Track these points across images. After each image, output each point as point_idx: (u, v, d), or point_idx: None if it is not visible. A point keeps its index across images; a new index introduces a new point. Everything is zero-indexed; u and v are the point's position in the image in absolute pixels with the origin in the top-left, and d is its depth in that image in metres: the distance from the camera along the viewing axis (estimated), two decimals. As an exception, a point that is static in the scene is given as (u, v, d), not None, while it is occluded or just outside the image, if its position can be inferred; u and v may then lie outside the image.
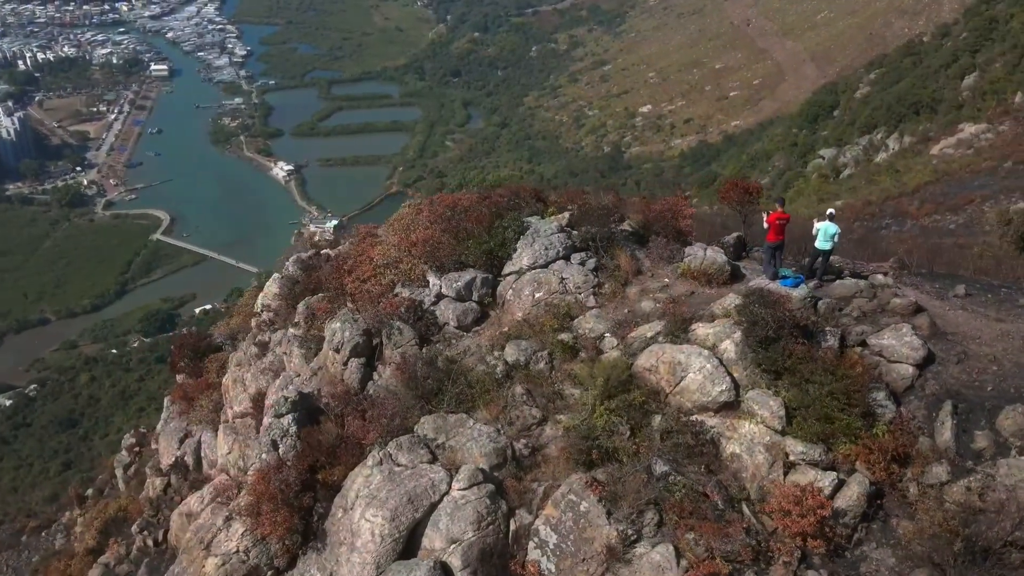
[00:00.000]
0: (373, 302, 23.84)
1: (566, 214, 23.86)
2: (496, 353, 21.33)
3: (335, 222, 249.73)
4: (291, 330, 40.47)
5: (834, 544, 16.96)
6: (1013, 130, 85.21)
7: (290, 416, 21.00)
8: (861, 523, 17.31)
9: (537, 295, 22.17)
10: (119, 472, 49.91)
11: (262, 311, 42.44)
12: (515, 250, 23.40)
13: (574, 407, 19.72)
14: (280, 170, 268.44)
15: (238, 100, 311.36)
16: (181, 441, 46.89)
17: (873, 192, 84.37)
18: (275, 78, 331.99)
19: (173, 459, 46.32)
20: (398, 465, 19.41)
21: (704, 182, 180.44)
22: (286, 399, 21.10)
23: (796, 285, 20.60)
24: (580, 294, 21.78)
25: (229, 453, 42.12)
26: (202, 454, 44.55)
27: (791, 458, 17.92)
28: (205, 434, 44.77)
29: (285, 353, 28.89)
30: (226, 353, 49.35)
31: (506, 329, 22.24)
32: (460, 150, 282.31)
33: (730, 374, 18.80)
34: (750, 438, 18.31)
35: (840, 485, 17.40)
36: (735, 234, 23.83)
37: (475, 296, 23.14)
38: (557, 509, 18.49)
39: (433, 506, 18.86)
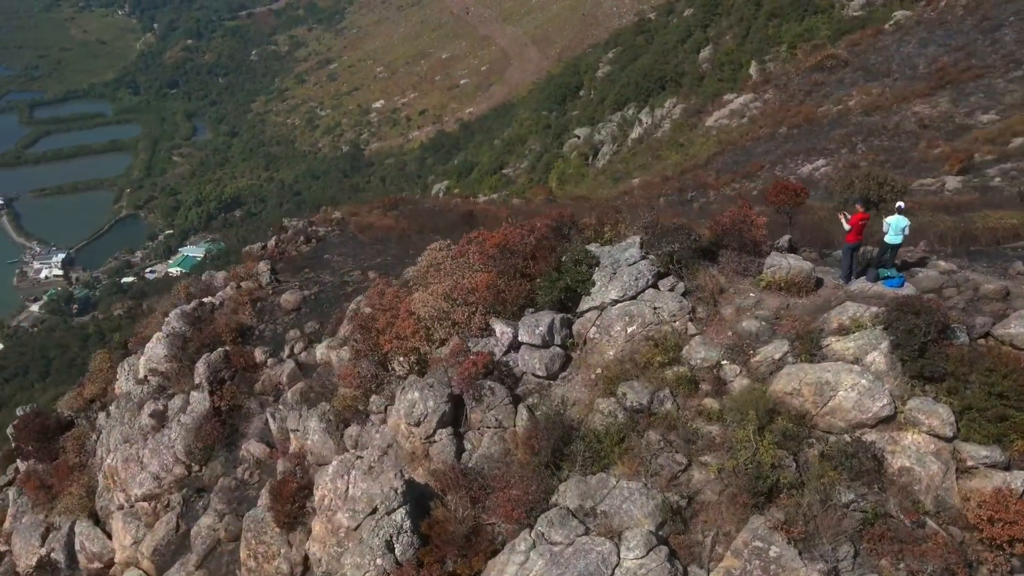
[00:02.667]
0: (436, 363, 21.14)
1: (636, 238, 22.28)
2: (607, 399, 19.52)
3: (63, 255, 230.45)
4: (193, 393, 36.20)
5: (1031, 543, 16.85)
6: (778, 97, 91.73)
7: (403, 510, 18.11)
8: (1046, 516, 17.34)
9: (630, 329, 20.47)
10: None
11: (147, 376, 37.48)
12: (593, 284, 21.59)
13: (719, 446, 18.39)
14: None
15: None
16: (44, 536, 41.16)
17: (667, 167, 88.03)
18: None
19: (36, 558, 40.55)
20: (553, 544, 17.25)
21: (461, 171, 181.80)
22: (396, 491, 18.15)
23: (901, 284, 20.38)
24: (676, 322, 20.37)
25: (136, 544, 37.18)
26: (77, 547, 39.27)
27: (968, 463, 17.65)
28: (80, 524, 39.50)
29: (295, 430, 25.16)
30: (82, 429, 43.61)
31: (599, 371, 20.43)
32: (190, 164, 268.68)
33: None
34: (916, 449, 17.84)
35: (1028, 483, 17.31)
36: (786, 237, 23.33)
37: (557, 340, 21.09)
38: (740, 559, 17.15)
39: (606, 582, 16.95)
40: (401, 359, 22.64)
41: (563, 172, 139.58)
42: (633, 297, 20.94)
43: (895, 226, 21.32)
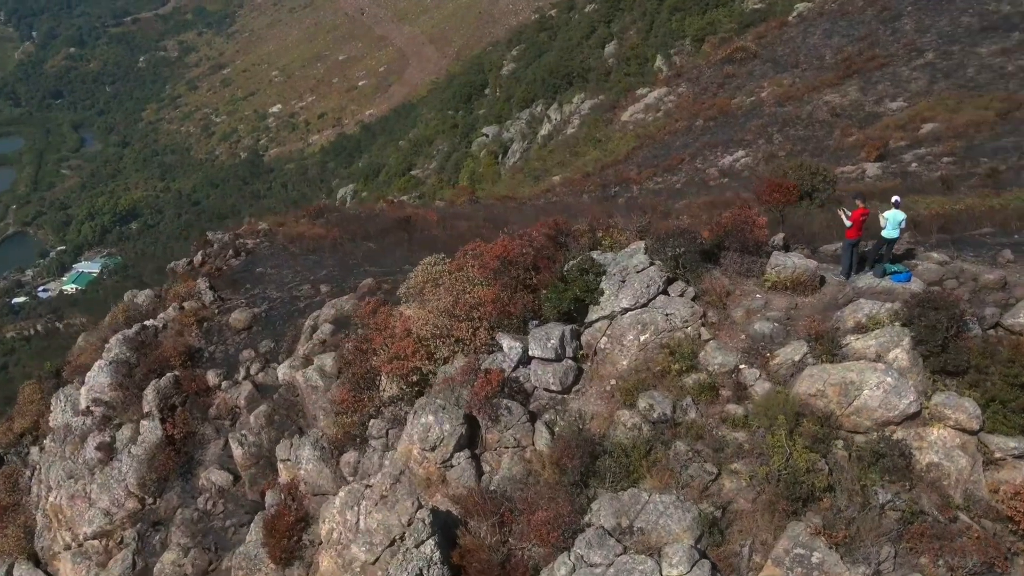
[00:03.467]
0: (447, 383, 20.21)
1: (640, 243, 21.75)
2: (627, 411, 19.00)
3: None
4: (143, 422, 34.47)
5: (1065, 531, 17.02)
6: (691, 90, 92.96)
7: (432, 541, 17.20)
8: (1073, 503, 17.56)
9: (643, 338, 19.96)
10: None
11: (90, 407, 35.49)
12: (602, 293, 20.98)
13: (748, 453, 18.07)
14: None
15: None
16: (-26, 586, 38.87)
17: (587, 164, 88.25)
18: None
19: (-34, 609, 38.33)
20: (594, 565, 16.65)
21: (368, 174, 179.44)
22: (424, 521, 17.23)
23: (909, 279, 20.41)
24: (688, 328, 19.96)
25: (88, 585, 35.35)
26: (14, 593, 37.11)
27: (996, 455, 17.74)
28: (18, 567, 37.47)
29: (286, 460, 23.86)
30: (14, 467, 41.25)
31: (614, 382, 19.86)
32: (81, 177, 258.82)
33: (907, 383, 18.17)
34: (942, 444, 17.85)
35: (1055, 471, 17.49)
36: (780, 235, 23.18)
37: (569, 352, 20.42)
38: (781, 567, 16.86)
39: (651, 602, 16.45)
40: (398, 380, 21.61)
41: (474, 171, 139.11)
42: (644, 305, 20.45)
43: (892, 220, 21.40)
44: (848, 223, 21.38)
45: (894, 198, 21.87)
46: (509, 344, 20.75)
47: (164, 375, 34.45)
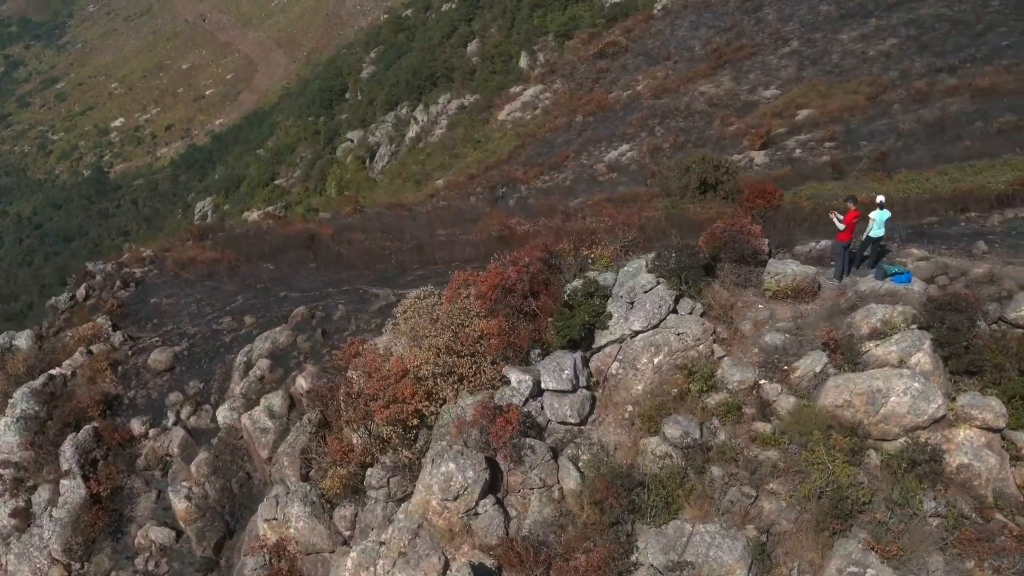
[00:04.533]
0: (461, 426, 18.77)
1: (641, 261, 20.84)
2: (653, 439, 18.15)
3: None
4: (63, 481, 31.62)
5: (1094, 522, 17.23)
6: (567, 87, 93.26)
7: (477, 601, 15.93)
8: (1096, 492, 17.85)
9: (657, 360, 19.13)
10: None
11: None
12: (610, 316, 19.96)
13: (783, 471, 17.54)
14: None
15: None
16: None
17: (469, 165, 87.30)
18: None
19: None
20: (651, 610, 15.79)
21: (228, 185, 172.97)
22: (467, 582, 15.89)
23: (910, 280, 20.31)
24: (701, 346, 19.27)
25: (14, 665, 32.47)
26: None
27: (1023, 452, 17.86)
28: (-77, 656, 33.89)
29: (271, 519, 21.86)
30: (-98, 540, 37.13)
31: (631, 408, 18.97)
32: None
33: (932, 386, 18.04)
34: (970, 444, 17.80)
35: (1080, 463, 17.72)
36: (765, 240, 22.78)
37: (582, 381, 19.36)
38: (834, 587, 16.45)
39: (712, 642, 15.72)
40: (395, 425, 20.07)
41: (341, 178, 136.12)
42: (656, 325, 19.65)
43: (879, 220, 21.43)
44: (841, 226, 21.23)
45: (879, 198, 21.88)
46: (518, 378, 19.55)
47: (81, 428, 31.74)
